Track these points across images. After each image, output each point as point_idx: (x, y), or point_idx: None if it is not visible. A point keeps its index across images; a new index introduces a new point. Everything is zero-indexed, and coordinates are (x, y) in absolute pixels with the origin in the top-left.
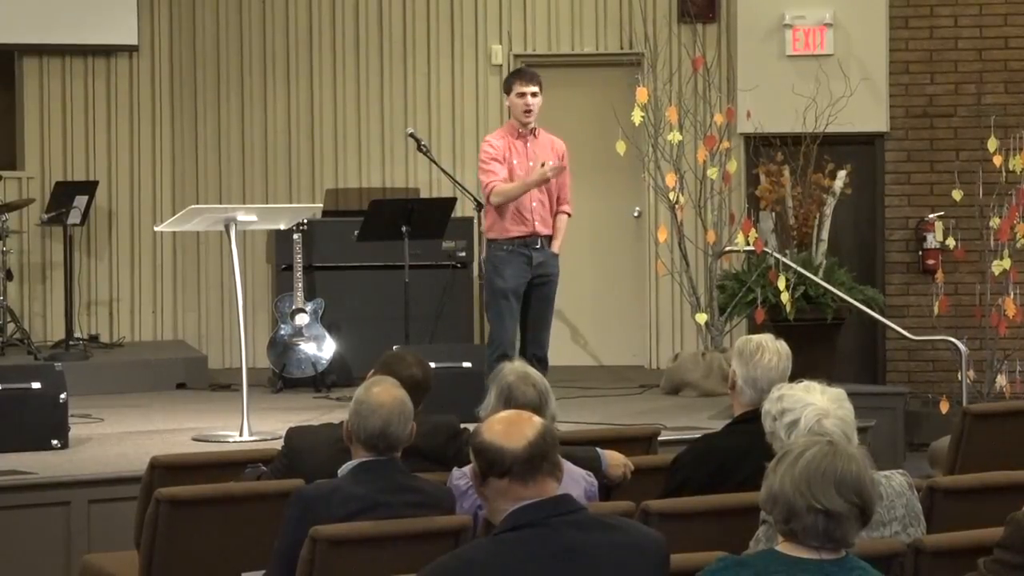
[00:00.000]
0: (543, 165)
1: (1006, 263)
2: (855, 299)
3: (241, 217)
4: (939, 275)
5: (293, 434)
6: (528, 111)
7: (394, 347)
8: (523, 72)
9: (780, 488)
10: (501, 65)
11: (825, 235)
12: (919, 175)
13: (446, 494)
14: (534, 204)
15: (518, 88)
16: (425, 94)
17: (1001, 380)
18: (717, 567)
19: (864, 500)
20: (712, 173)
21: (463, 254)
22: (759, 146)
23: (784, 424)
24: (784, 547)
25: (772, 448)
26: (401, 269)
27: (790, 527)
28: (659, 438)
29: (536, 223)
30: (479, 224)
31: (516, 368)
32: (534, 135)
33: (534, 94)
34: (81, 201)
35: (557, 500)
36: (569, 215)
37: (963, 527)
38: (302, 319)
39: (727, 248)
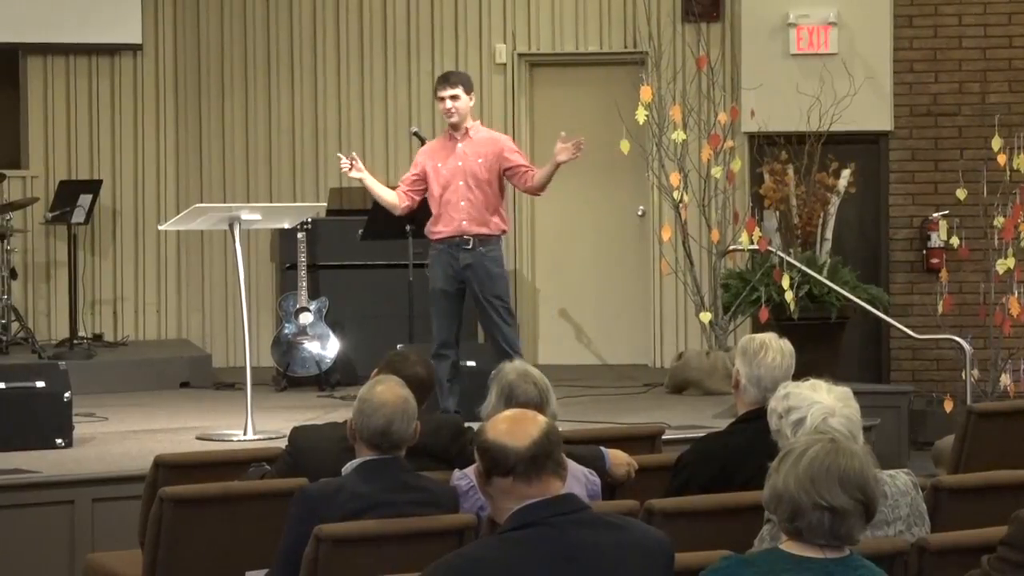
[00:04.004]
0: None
1: (1010, 262)
2: (859, 298)
3: (245, 216)
4: (943, 274)
5: (297, 433)
6: (448, 113)
7: (398, 346)
8: (442, 77)
9: (784, 487)
10: (505, 64)
11: (829, 234)
12: (923, 174)
13: (450, 493)
14: (462, 203)
15: (438, 93)
16: (429, 93)
17: (1005, 379)
18: (722, 566)
19: (868, 497)
20: (716, 172)
21: None
22: (763, 145)
23: (790, 422)
24: (788, 546)
25: (777, 446)
26: (405, 268)
27: (795, 525)
28: (663, 437)
29: (463, 222)
30: None
31: (516, 366)
32: (467, 136)
33: (453, 97)
34: (85, 200)
35: (561, 499)
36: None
37: (967, 526)
38: (306, 318)
39: (731, 247)
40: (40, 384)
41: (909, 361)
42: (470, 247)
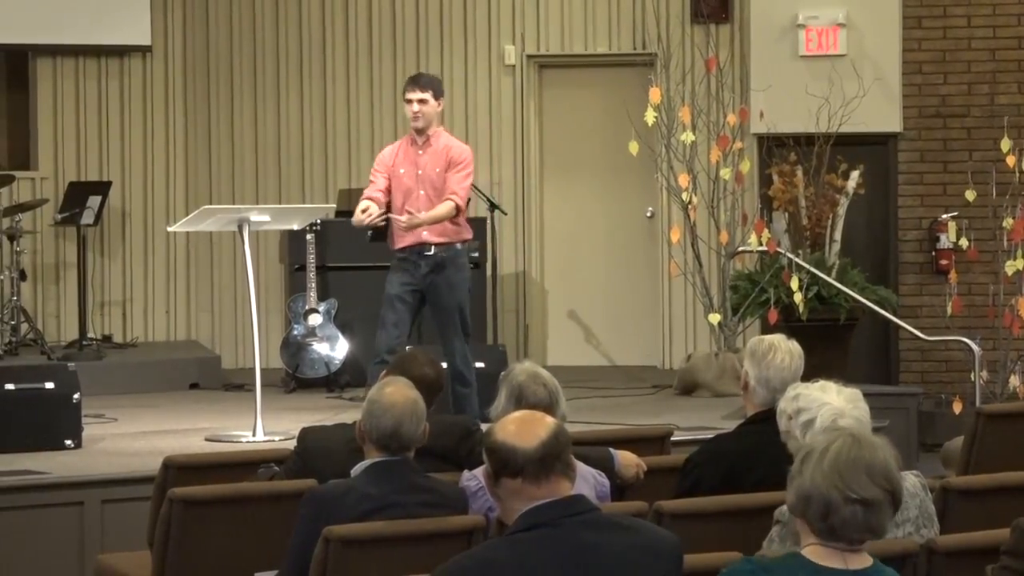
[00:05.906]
0: (408, 214)
1: (1019, 263)
2: (868, 299)
3: (254, 217)
4: (952, 275)
5: (306, 434)
6: (414, 117)
7: (406, 347)
8: (411, 79)
9: (812, 485)
10: (514, 65)
11: (838, 235)
12: (932, 175)
13: (459, 494)
14: (420, 214)
15: (406, 95)
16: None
17: (1014, 380)
18: (738, 568)
19: (894, 486)
20: (725, 173)
21: (476, 254)
22: (772, 146)
23: (800, 423)
24: (810, 552)
25: (786, 448)
26: None
27: (828, 523)
28: (672, 438)
29: (424, 233)
30: (492, 225)
31: (526, 368)
32: (429, 144)
33: (421, 101)
34: (94, 201)
35: (570, 500)
36: (456, 205)
37: (976, 528)
38: (315, 319)
39: (740, 248)
40: (49, 385)
41: (918, 363)
42: (431, 253)
